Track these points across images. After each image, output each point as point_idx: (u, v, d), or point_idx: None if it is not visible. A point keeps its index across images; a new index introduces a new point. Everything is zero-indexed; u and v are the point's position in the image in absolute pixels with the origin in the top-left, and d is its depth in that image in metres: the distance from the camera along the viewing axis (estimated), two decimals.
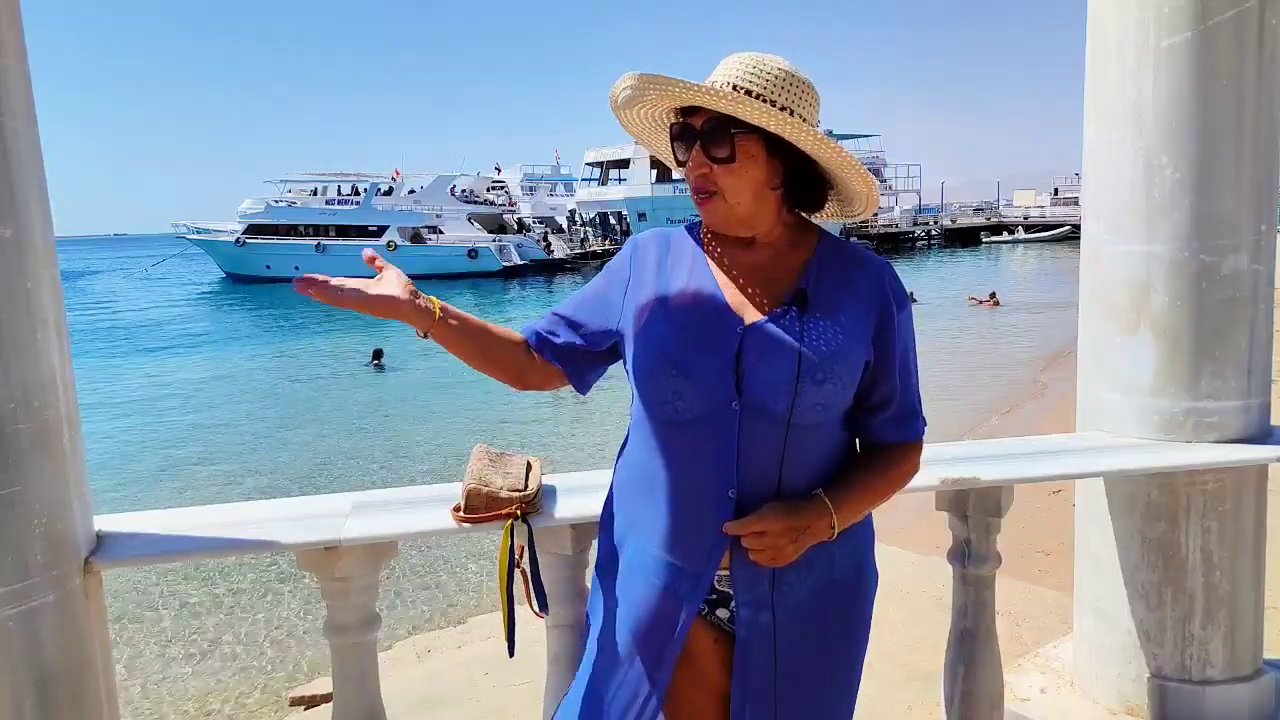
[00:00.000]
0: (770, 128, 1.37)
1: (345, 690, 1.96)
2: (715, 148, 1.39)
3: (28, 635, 1.63)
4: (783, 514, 1.39)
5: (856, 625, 1.55)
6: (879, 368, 1.47)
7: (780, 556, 1.40)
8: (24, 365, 1.61)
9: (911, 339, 1.52)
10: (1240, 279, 2.45)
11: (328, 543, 1.83)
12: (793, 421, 1.40)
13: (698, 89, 1.35)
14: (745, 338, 1.42)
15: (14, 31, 1.62)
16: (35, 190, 1.66)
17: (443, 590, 6.75)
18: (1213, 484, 2.56)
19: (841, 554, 1.50)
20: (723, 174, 1.41)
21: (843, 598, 1.51)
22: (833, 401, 1.42)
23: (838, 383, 1.41)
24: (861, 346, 1.44)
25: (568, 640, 2.04)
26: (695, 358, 1.42)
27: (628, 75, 1.40)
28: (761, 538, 1.39)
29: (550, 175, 70.10)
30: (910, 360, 1.52)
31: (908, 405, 1.52)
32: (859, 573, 1.54)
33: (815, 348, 1.40)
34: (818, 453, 1.45)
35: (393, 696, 2.29)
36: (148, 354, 23.79)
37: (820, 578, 1.48)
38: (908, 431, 1.53)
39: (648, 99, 1.42)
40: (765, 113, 1.35)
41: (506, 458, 2.03)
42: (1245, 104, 2.38)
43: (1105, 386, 2.65)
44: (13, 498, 1.59)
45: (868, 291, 1.47)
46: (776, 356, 1.40)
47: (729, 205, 1.43)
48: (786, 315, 1.43)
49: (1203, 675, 2.62)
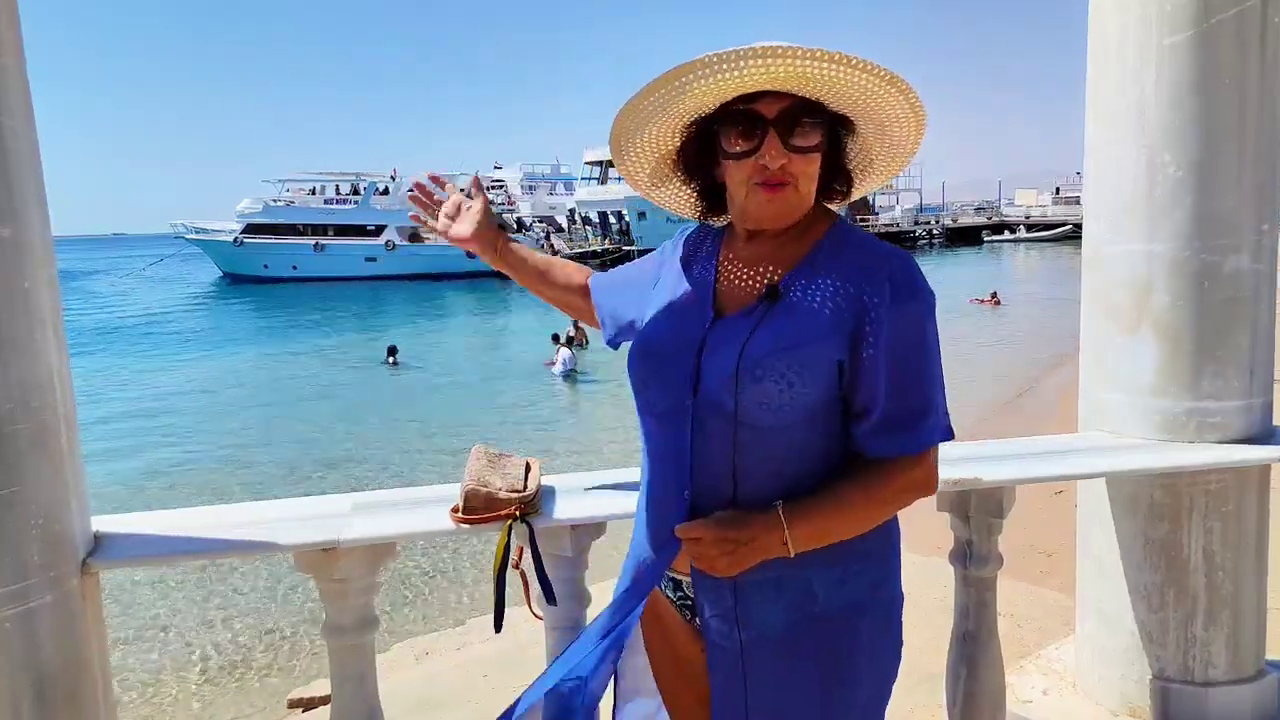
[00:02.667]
0: (915, 116, 1.37)
1: (343, 692, 1.95)
2: (802, 135, 1.33)
3: (25, 636, 1.62)
4: (720, 524, 1.32)
5: (844, 668, 1.39)
6: (856, 369, 1.32)
7: (714, 567, 1.33)
8: (22, 365, 1.61)
9: (916, 338, 1.34)
10: (1242, 278, 2.44)
11: (326, 544, 1.82)
12: (741, 421, 1.33)
13: (873, 66, 1.28)
14: (709, 333, 1.40)
15: (12, 31, 1.62)
16: (33, 190, 1.65)
17: (441, 592, 6.75)
18: (1215, 484, 2.55)
19: (823, 585, 1.37)
20: (803, 162, 1.34)
21: (827, 635, 1.38)
22: (780, 402, 1.31)
23: (780, 381, 1.30)
24: (825, 344, 1.31)
25: (567, 642, 2.03)
26: (665, 350, 1.43)
27: (737, 49, 1.26)
28: (696, 544, 1.33)
29: (550, 174, 70.10)
30: (918, 364, 1.34)
31: (899, 414, 1.33)
32: (852, 612, 1.38)
33: (760, 344, 1.32)
34: (777, 459, 1.35)
35: (391, 698, 2.28)
36: (147, 354, 23.78)
37: (796, 606, 1.37)
38: (899, 442, 1.34)
39: (771, 70, 1.27)
40: (910, 96, 1.33)
41: (505, 458, 2.03)
42: (1247, 103, 2.37)
43: (1107, 386, 2.64)
44: (10, 498, 1.59)
45: (857, 286, 1.33)
46: (724, 353, 1.35)
47: (800, 196, 1.37)
48: (753, 311, 1.38)
49: (1205, 676, 2.62)
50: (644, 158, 1.52)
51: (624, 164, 1.53)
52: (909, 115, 1.38)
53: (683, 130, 1.45)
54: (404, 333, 23.02)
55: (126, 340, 26.86)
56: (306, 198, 51.00)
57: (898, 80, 1.31)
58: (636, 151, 1.50)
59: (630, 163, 1.53)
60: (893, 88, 1.32)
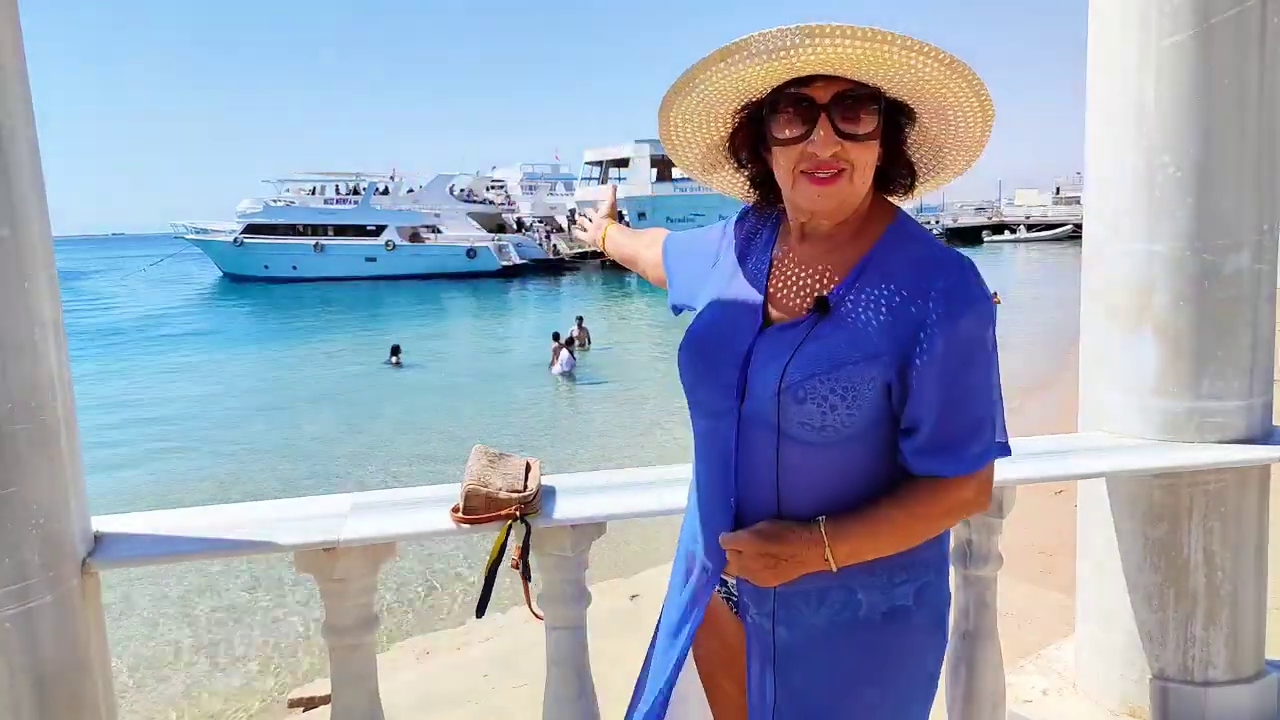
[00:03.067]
0: (981, 105, 1.28)
1: (344, 692, 1.96)
2: (855, 122, 1.26)
3: (25, 636, 1.62)
4: (763, 538, 1.31)
5: (887, 669, 1.38)
6: (907, 388, 1.27)
7: (757, 579, 1.33)
8: (22, 366, 1.61)
9: (969, 353, 1.27)
10: (1242, 278, 2.44)
11: (326, 544, 1.82)
12: (786, 435, 1.30)
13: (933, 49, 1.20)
14: (755, 343, 1.36)
15: (12, 31, 1.62)
16: (33, 189, 1.65)
17: (441, 592, 6.75)
18: (1215, 484, 2.55)
19: (867, 592, 1.35)
20: (857, 150, 1.27)
21: (871, 639, 1.36)
22: (823, 422, 1.27)
23: (822, 404, 1.26)
24: (873, 365, 1.26)
25: (568, 642, 2.03)
26: (714, 354, 1.40)
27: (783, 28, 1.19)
28: (738, 556, 1.34)
29: (550, 174, 70.09)
30: (970, 380, 1.28)
31: (952, 432, 1.28)
32: (895, 618, 1.36)
33: (801, 364, 1.28)
34: (822, 474, 1.32)
35: (392, 698, 2.28)
36: (147, 354, 23.78)
37: (838, 614, 1.35)
38: (947, 463, 1.29)
39: (817, 52, 1.20)
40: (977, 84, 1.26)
41: (506, 458, 2.03)
42: (1247, 103, 2.37)
43: (1107, 386, 2.64)
44: (10, 498, 1.59)
45: (909, 300, 1.26)
46: (769, 369, 1.31)
47: (854, 187, 1.30)
48: (801, 324, 1.33)
49: (1205, 676, 2.62)
50: (694, 143, 1.46)
51: (673, 149, 1.47)
52: (973, 103, 1.28)
53: (733, 115, 1.39)
54: (404, 333, 23.01)
55: (127, 340, 26.85)
56: (306, 198, 51.02)
57: (959, 65, 1.22)
58: (685, 137, 1.44)
59: (679, 148, 1.47)
60: (953, 73, 1.23)
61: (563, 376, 17.06)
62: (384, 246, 47.10)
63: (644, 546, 6.83)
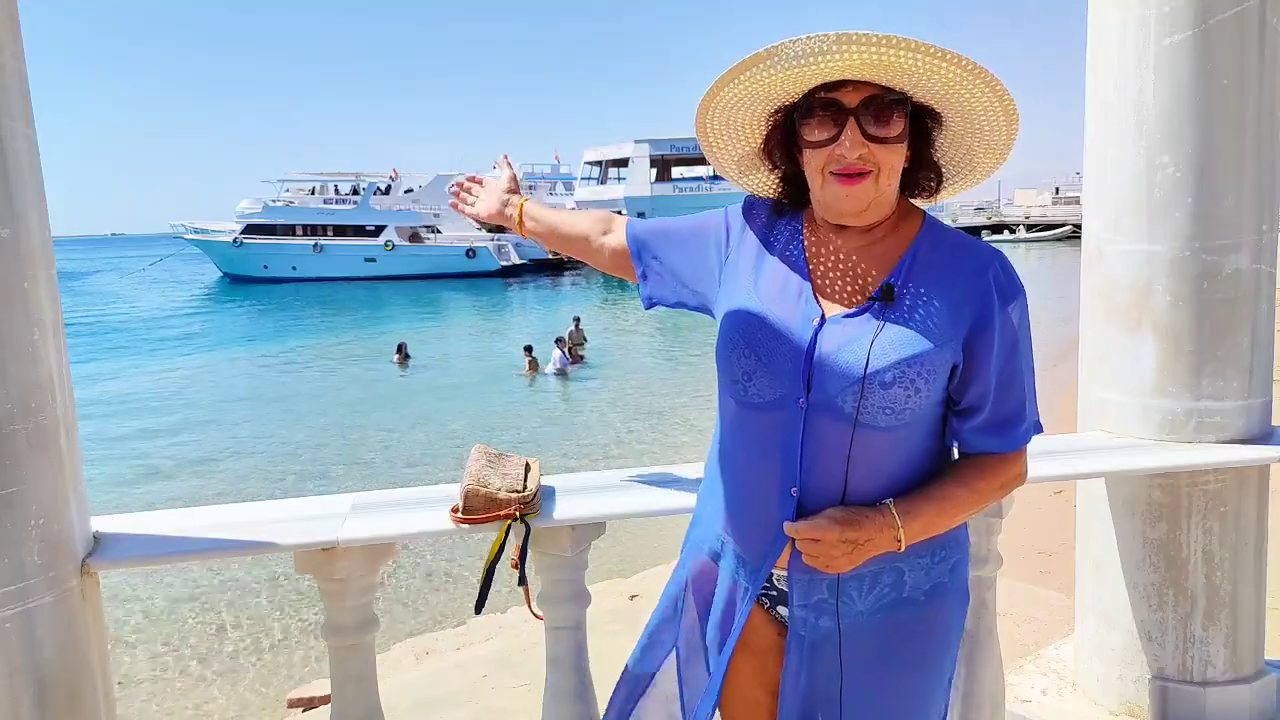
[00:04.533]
0: (1005, 111, 1.32)
1: (344, 692, 1.95)
2: (882, 125, 1.31)
3: (25, 636, 1.62)
4: (841, 524, 1.33)
5: (931, 649, 1.45)
6: (970, 370, 1.36)
7: (833, 565, 1.35)
8: (21, 366, 1.61)
9: (1021, 338, 1.38)
10: (1242, 278, 2.44)
11: (326, 544, 1.82)
12: (860, 422, 1.33)
13: (960, 58, 1.25)
14: (820, 332, 1.37)
15: (12, 30, 1.62)
16: (32, 189, 1.65)
17: (441, 592, 6.75)
18: (1214, 484, 2.55)
19: (914, 572, 1.41)
20: (884, 152, 1.32)
21: (913, 619, 1.42)
22: (904, 406, 1.32)
23: (908, 386, 1.32)
24: (946, 349, 1.33)
25: (568, 641, 2.03)
26: (770, 343, 1.39)
27: (822, 35, 1.24)
28: (815, 544, 1.34)
29: (550, 174, 70.10)
30: (1017, 362, 1.38)
31: (1006, 412, 1.39)
32: (936, 594, 1.43)
33: (886, 350, 1.32)
34: (891, 458, 1.37)
35: (391, 698, 2.28)
36: (146, 354, 23.77)
37: (887, 593, 1.41)
38: (1003, 440, 1.40)
39: (863, 56, 1.24)
40: (1001, 91, 1.29)
41: (505, 458, 2.03)
42: (1246, 103, 2.38)
43: (1106, 386, 2.64)
44: (10, 499, 1.59)
45: (965, 288, 1.35)
46: (845, 356, 1.33)
47: (879, 189, 1.34)
48: (867, 312, 1.36)
49: (1204, 676, 2.62)
50: (729, 146, 1.49)
51: (711, 153, 1.51)
52: (997, 109, 1.33)
53: (767, 119, 1.43)
54: (404, 333, 23.00)
55: (127, 341, 26.84)
56: (306, 198, 50.99)
57: (982, 72, 1.27)
58: (721, 141, 1.48)
59: (717, 152, 1.50)
60: (978, 79, 1.29)
61: (556, 376, 17.03)
62: (383, 247, 47.11)
63: (644, 546, 6.84)
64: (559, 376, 17.01)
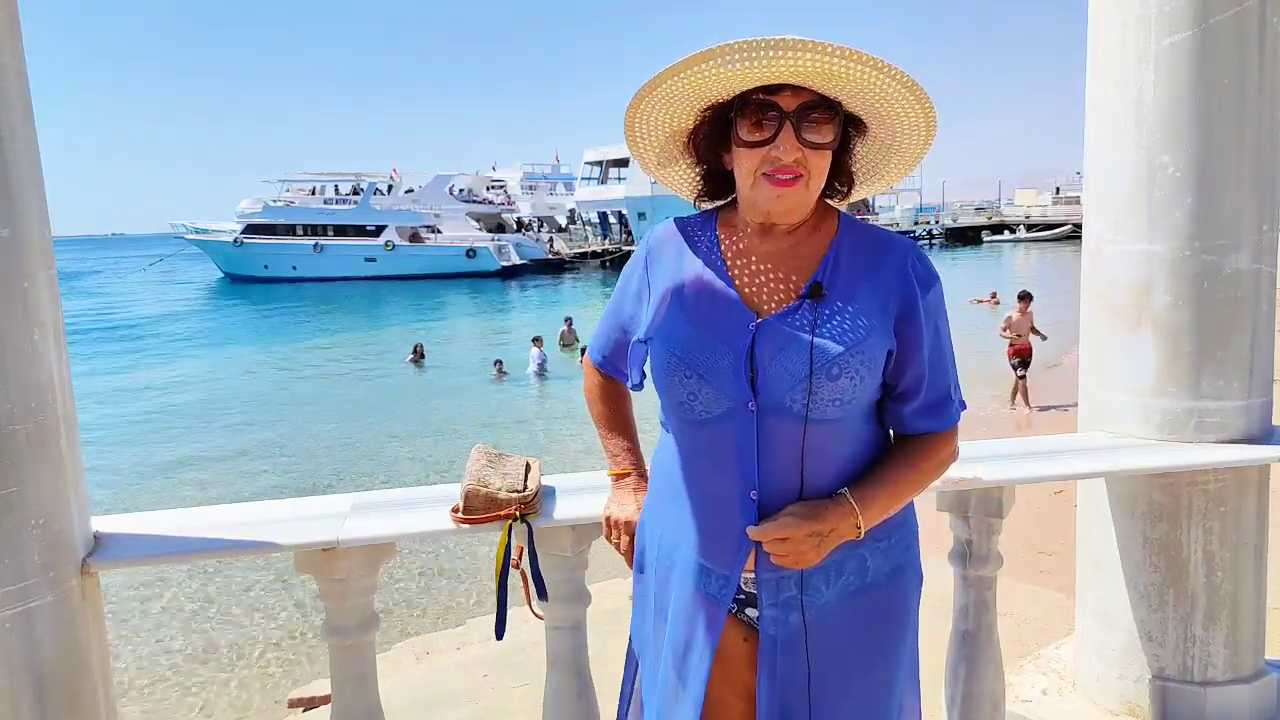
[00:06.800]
0: (928, 128, 1.39)
1: (344, 692, 1.96)
2: (817, 131, 1.35)
3: (25, 636, 1.62)
4: (804, 519, 1.36)
5: (895, 628, 1.49)
6: (903, 356, 1.41)
7: (803, 560, 1.37)
8: (21, 366, 1.61)
9: (941, 321, 1.46)
10: (1242, 278, 2.44)
11: (326, 544, 1.82)
12: (811, 418, 1.36)
13: (888, 66, 1.29)
14: (757, 335, 1.39)
15: (12, 30, 1.62)
16: (32, 189, 1.65)
17: (442, 592, 6.74)
18: (1214, 484, 2.55)
19: (874, 556, 1.46)
20: (816, 157, 1.36)
21: (877, 601, 1.47)
22: (852, 396, 1.37)
23: (854, 376, 1.36)
24: (882, 336, 1.38)
25: (567, 642, 2.03)
26: (709, 359, 1.40)
27: (756, 40, 1.26)
28: (783, 543, 1.36)
29: (550, 174, 70.08)
30: (941, 343, 1.46)
31: (938, 392, 1.46)
32: (896, 575, 1.49)
33: (829, 342, 1.36)
34: (841, 448, 1.41)
35: (392, 698, 2.28)
36: (147, 354, 23.77)
37: (852, 580, 1.45)
38: (939, 420, 1.47)
39: (775, 65, 1.27)
40: (926, 104, 1.35)
41: (506, 458, 2.03)
42: (1246, 103, 2.38)
43: (1107, 386, 2.64)
44: (10, 499, 1.59)
45: (889, 277, 1.41)
46: (789, 354, 1.36)
47: (809, 192, 1.39)
48: (800, 309, 1.39)
49: (1204, 676, 2.62)
50: (655, 136, 1.51)
51: (634, 141, 1.52)
52: (922, 126, 1.40)
53: (698, 113, 1.45)
54: (405, 333, 23.00)
55: (127, 340, 26.84)
56: (306, 198, 51.03)
57: (916, 88, 1.33)
58: (648, 129, 1.50)
59: (640, 140, 1.52)
60: (912, 96, 1.34)
61: (534, 375, 16.96)
62: (383, 246, 47.14)
63: None
64: (536, 375, 16.96)
